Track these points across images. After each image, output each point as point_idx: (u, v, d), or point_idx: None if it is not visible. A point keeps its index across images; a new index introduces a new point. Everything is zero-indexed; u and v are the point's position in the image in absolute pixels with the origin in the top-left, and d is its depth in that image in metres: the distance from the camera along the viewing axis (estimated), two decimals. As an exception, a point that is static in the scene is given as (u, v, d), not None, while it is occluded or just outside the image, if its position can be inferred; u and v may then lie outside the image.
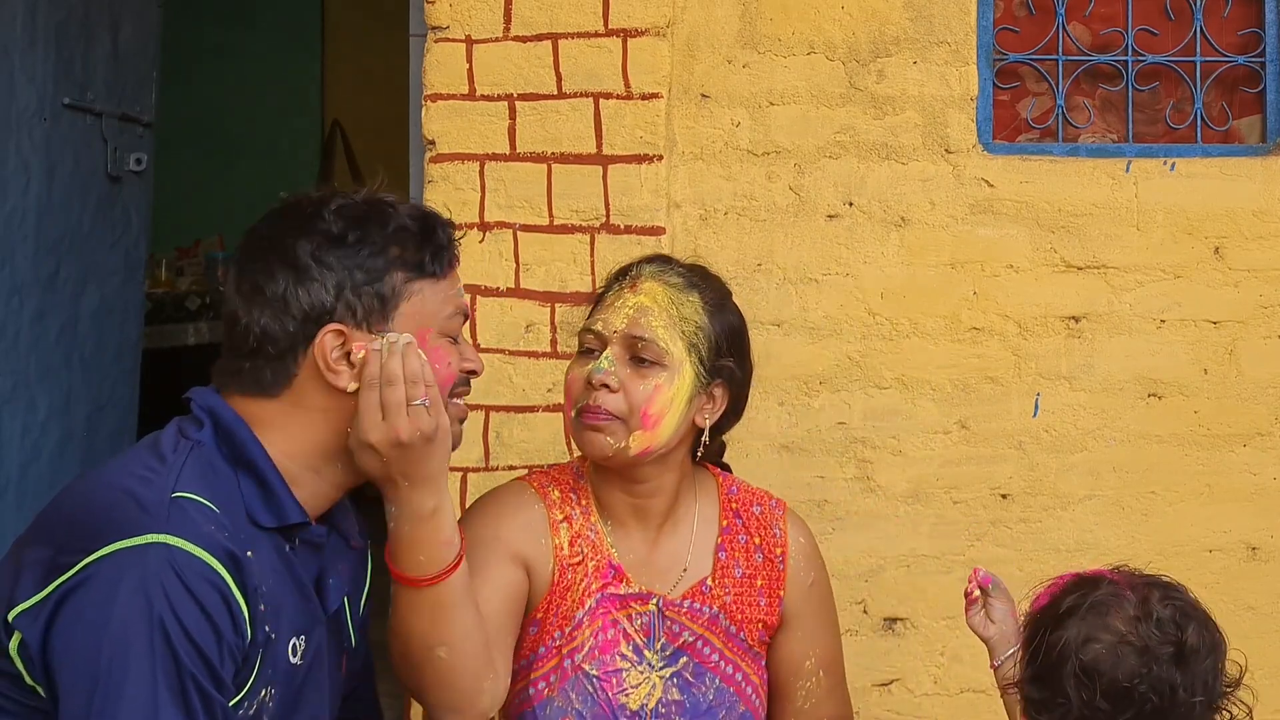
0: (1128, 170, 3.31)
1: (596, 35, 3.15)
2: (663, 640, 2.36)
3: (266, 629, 1.93)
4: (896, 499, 3.24)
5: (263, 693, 1.94)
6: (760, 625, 2.42)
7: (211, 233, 7.02)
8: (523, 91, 3.16)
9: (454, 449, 2.12)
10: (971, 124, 3.29)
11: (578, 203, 3.16)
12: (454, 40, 3.16)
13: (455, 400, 2.08)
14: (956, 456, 3.27)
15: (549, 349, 3.15)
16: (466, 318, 2.10)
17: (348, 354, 1.97)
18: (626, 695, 2.33)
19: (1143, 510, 3.30)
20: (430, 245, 2.03)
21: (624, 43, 3.16)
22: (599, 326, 2.35)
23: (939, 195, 3.28)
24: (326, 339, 1.96)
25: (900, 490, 3.26)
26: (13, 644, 1.84)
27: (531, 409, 3.14)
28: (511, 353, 3.15)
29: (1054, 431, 3.29)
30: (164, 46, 4.70)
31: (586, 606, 2.35)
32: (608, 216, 3.16)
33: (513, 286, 3.16)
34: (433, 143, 3.17)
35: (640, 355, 2.32)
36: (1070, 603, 2.01)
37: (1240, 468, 3.31)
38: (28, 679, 1.85)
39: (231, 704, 1.88)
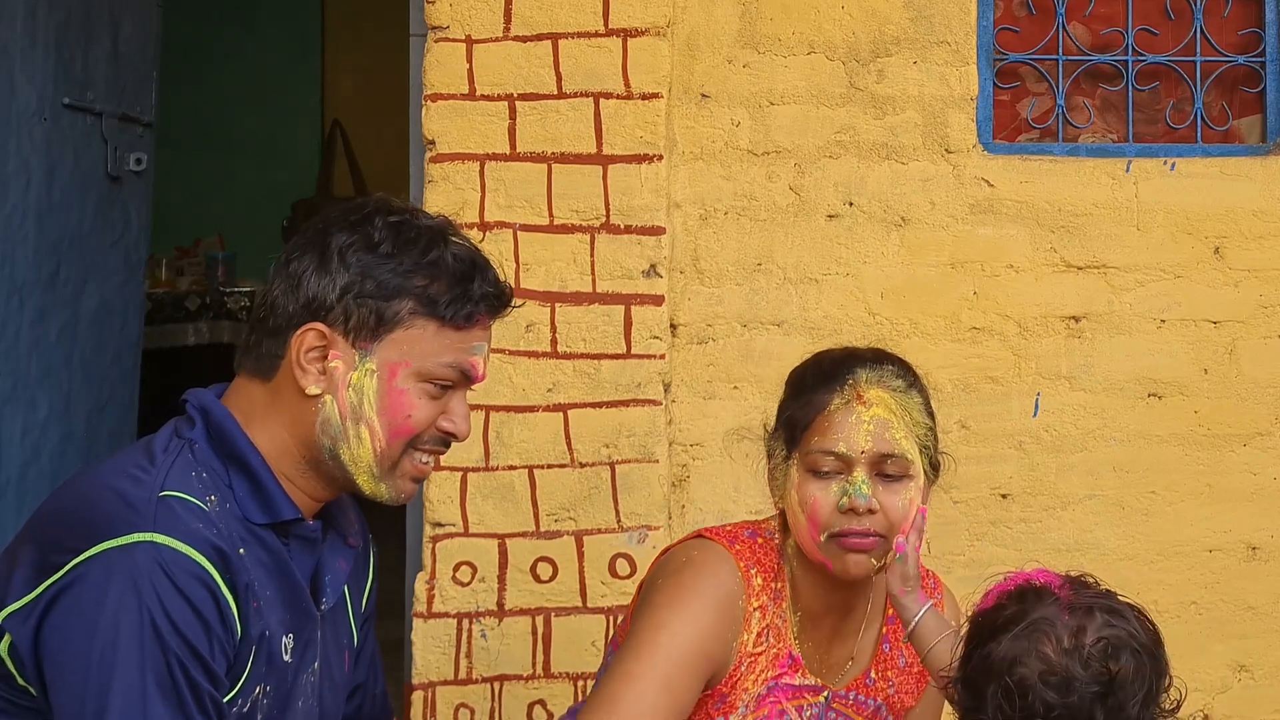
0: (1128, 170, 3.31)
1: (596, 35, 3.15)
2: None
3: (259, 625, 1.92)
4: (896, 499, 3.24)
5: (256, 690, 1.94)
6: (906, 709, 2.41)
7: (211, 233, 7.02)
8: (523, 91, 3.16)
9: (399, 503, 2.06)
10: (971, 124, 3.29)
11: (578, 203, 3.16)
12: (454, 40, 3.16)
13: (417, 454, 1.99)
14: (956, 456, 3.23)
15: (549, 349, 3.15)
16: (469, 380, 2.00)
17: (325, 358, 1.94)
18: None
19: (1143, 510, 3.30)
20: (458, 291, 1.96)
21: (624, 42, 3.16)
22: (842, 448, 2.25)
23: (939, 195, 3.28)
24: (308, 336, 1.94)
25: (900, 490, 3.25)
26: (3, 645, 1.84)
27: (531, 409, 3.14)
28: (512, 352, 3.15)
29: (1054, 431, 3.29)
30: (164, 46, 4.70)
31: (754, 693, 2.30)
32: (608, 216, 3.16)
33: (513, 286, 3.14)
34: (433, 143, 3.17)
35: (888, 471, 2.26)
36: (1008, 615, 1.96)
37: (1240, 468, 3.31)
38: (19, 680, 1.85)
39: (225, 700, 1.88)
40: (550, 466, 3.13)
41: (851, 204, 3.28)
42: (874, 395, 2.27)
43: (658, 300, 3.16)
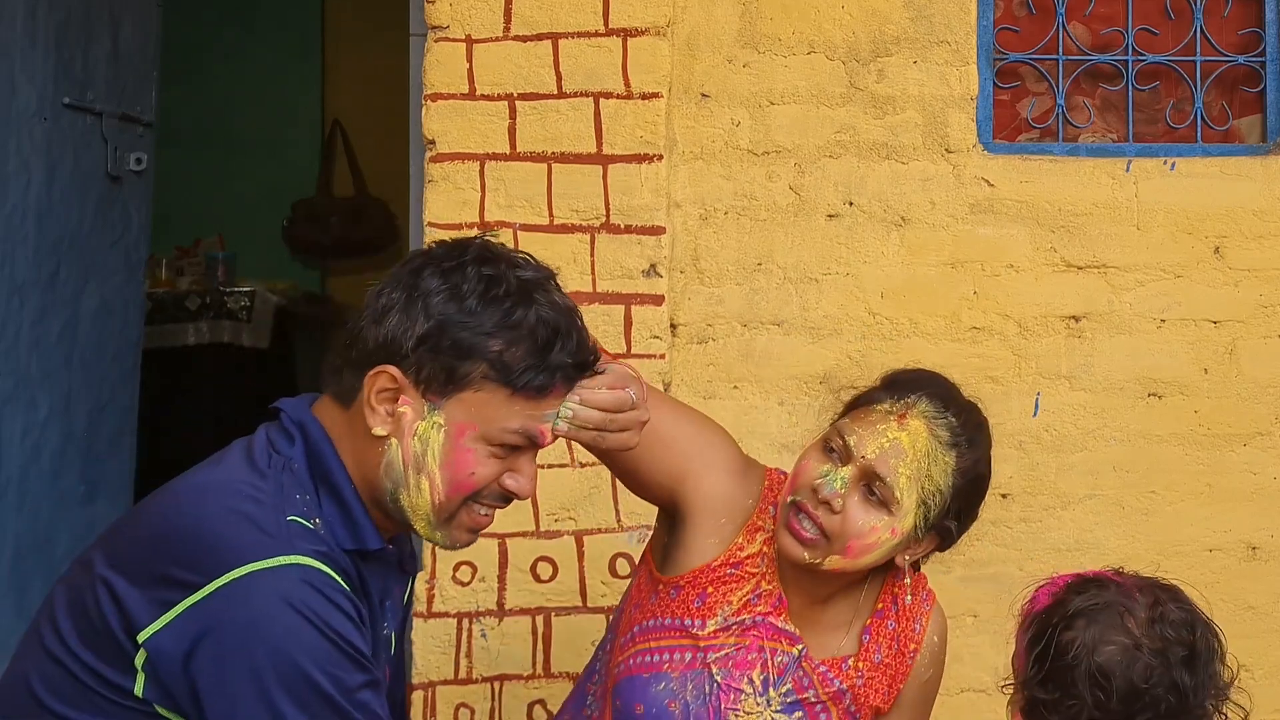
0: (1128, 170, 3.31)
1: (596, 35, 3.15)
2: (789, 686, 2.36)
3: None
4: (897, 499, 3.24)
5: None
6: (874, 710, 2.42)
7: (212, 233, 7.01)
8: (523, 91, 3.16)
9: (454, 549, 2.10)
10: (971, 124, 3.29)
11: (578, 202, 3.16)
12: (454, 40, 3.16)
13: (477, 506, 1.96)
14: (956, 456, 3.27)
15: (549, 349, 3.15)
16: (536, 445, 1.96)
17: (394, 400, 1.91)
18: (736, 716, 2.33)
19: (1143, 510, 3.30)
20: (534, 361, 1.91)
21: (624, 42, 3.16)
22: (852, 441, 2.28)
23: (939, 195, 3.28)
24: (380, 378, 1.90)
25: (900, 490, 3.25)
26: (139, 660, 1.83)
27: (532, 409, 3.14)
28: (512, 352, 3.15)
29: (1054, 431, 3.29)
30: (164, 46, 4.70)
31: (741, 619, 2.35)
32: (608, 216, 3.16)
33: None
34: (433, 142, 3.17)
35: (873, 489, 2.27)
36: (1080, 604, 2.02)
37: (1240, 467, 3.31)
38: (139, 691, 1.84)
39: None
40: (550, 466, 3.13)
41: (851, 204, 3.28)
42: (914, 425, 2.28)
43: (658, 300, 3.16)
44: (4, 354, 3.87)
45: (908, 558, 2.34)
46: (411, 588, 2.25)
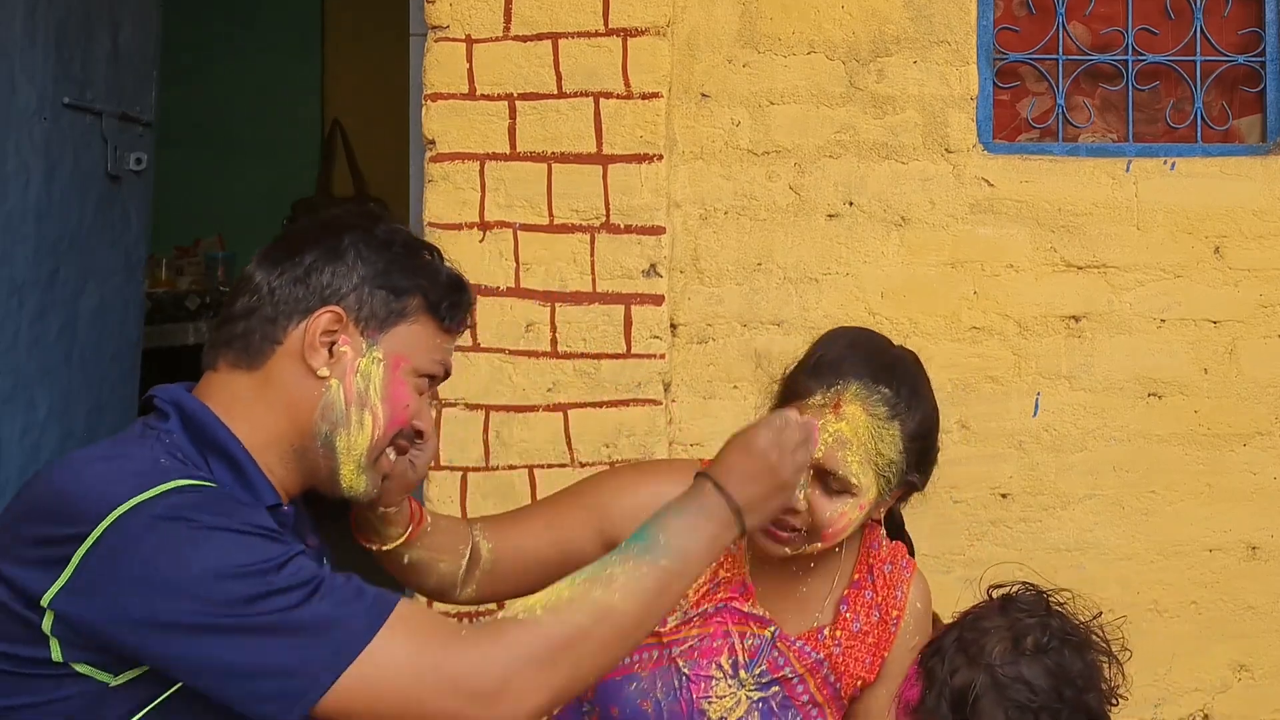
0: (1128, 170, 3.31)
1: (596, 35, 3.15)
2: (763, 667, 2.38)
3: None
4: (896, 499, 3.24)
5: None
6: (858, 680, 2.43)
7: (211, 232, 7.02)
8: (523, 91, 3.16)
9: (370, 501, 2.10)
10: (971, 124, 3.29)
11: (578, 202, 3.16)
12: (454, 40, 3.16)
13: (389, 450, 2.05)
14: (956, 456, 3.27)
15: (549, 348, 3.15)
16: (446, 375, 2.11)
17: (333, 343, 2.01)
18: (709, 703, 2.35)
19: (1143, 510, 3.30)
20: (454, 297, 2.09)
21: (624, 42, 3.16)
22: None
23: (939, 195, 3.28)
24: (324, 317, 2.00)
25: (900, 490, 3.26)
26: (46, 625, 1.82)
27: (531, 408, 3.15)
28: (511, 352, 3.15)
29: (1054, 431, 3.29)
30: (164, 46, 4.70)
31: (702, 609, 2.37)
32: (608, 216, 3.16)
33: (513, 286, 3.16)
34: (433, 142, 3.17)
35: (829, 483, 2.29)
36: (952, 639, 2.04)
37: (1240, 467, 3.31)
38: (57, 656, 1.83)
39: None
40: (550, 466, 3.13)
41: (851, 204, 3.28)
42: (850, 411, 2.29)
43: (658, 300, 3.16)
44: (3, 353, 3.87)
45: (880, 514, 2.39)
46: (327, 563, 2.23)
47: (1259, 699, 3.32)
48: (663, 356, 3.16)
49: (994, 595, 2.08)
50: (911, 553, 2.53)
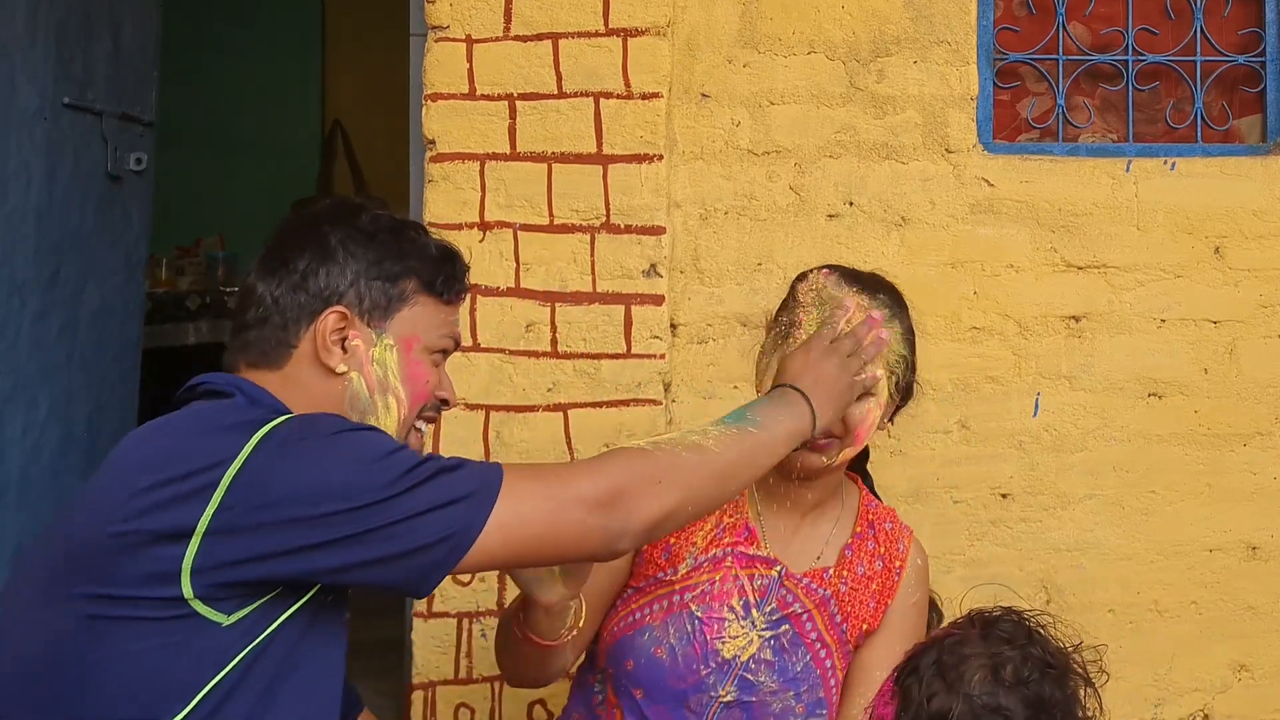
0: (1128, 170, 3.31)
1: (597, 35, 3.15)
2: (773, 605, 2.48)
3: None
4: (897, 499, 3.24)
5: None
6: (862, 626, 2.54)
7: (212, 232, 7.02)
8: (523, 91, 3.16)
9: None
10: (972, 124, 3.29)
11: (578, 202, 3.16)
12: (454, 40, 3.16)
13: (418, 423, 2.17)
14: (956, 456, 3.28)
15: (549, 348, 3.15)
16: (457, 346, 2.22)
17: (344, 339, 2.09)
18: (723, 643, 2.45)
19: (1143, 510, 3.30)
20: (446, 270, 2.17)
21: (624, 42, 3.16)
22: None
23: (939, 195, 3.28)
24: (330, 318, 2.08)
25: (900, 490, 3.26)
26: (187, 558, 1.88)
27: (532, 408, 3.15)
28: (511, 352, 3.16)
29: (1054, 431, 3.29)
30: (164, 46, 4.70)
31: (711, 554, 2.47)
32: (608, 216, 3.16)
33: (513, 286, 3.16)
34: (433, 142, 3.17)
35: None
36: (929, 660, 2.06)
37: (1240, 467, 3.31)
38: (188, 593, 1.89)
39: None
40: (550, 466, 3.13)
41: (852, 204, 3.28)
42: (860, 319, 2.42)
43: (658, 300, 3.16)
44: (4, 354, 3.87)
45: (891, 421, 2.52)
46: None
47: (1259, 699, 3.33)
48: (663, 356, 3.17)
49: (975, 618, 2.09)
50: (872, 490, 2.69)
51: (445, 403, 2.21)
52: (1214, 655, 3.31)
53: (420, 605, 3.13)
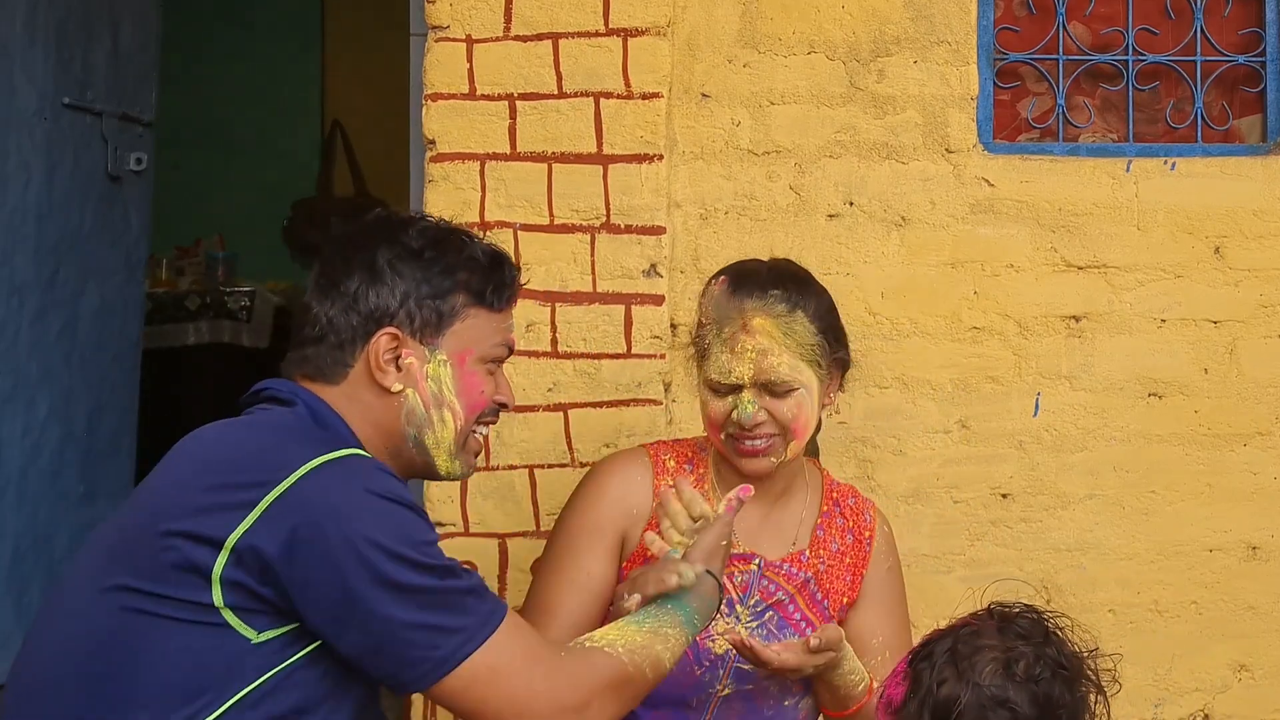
0: (1128, 170, 3.31)
1: (597, 35, 3.15)
2: (756, 597, 2.57)
3: None
4: (897, 499, 3.24)
5: None
6: (843, 598, 2.65)
7: (212, 232, 7.02)
8: (523, 91, 3.16)
9: (466, 477, 2.30)
10: (972, 124, 3.29)
11: (578, 202, 3.16)
12: (454, 40, 3.16)
13: (477, 429, 2.24)
14: (956, 456, 3.27)
15: (549, 349, 3.15)
16: (511, 352, 2.28)
17: (398, 357, 2.15)
18: (713, 640, 2.52)
19: (1143, 510, 3.30)
20: (495, 279, 2.22)
21: (624, 42, 3.16)
22: (733, 380, 2.52)
23: (939, 195, 3.28)
24: (382, 340, 2.15)
25: (900, 490, 3.26)
26: (217, 570, 1.94)
27: (532, 409, 3.14)
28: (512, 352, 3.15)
29: (1054, 431, 3.29)
30: (164, 46, 4.71)
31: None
32: (608, 216, 3.16)
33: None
34: (433, 142, 3.17)
35: (773, 390, 2.52)
36: (942, 647, 2.07)
37: (1240, 467, 3.31)
38: (218, 601, 1.94)
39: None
40: (550, 466, 3.13)
41: (852, 204, 3.28)
42: (757, 324, 2.52)
43: (658, 300, 3.16)
44: (3, 354, 3.87)
45: (833, 398, 2.62)
46: None
47: (1259, 699, 3.32)
48: (663, 356, 3.16)
49: (994, 611, 2.08)
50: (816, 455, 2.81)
51: (504, 406, 2.27)
52: (1214, 655, 3.30)
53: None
